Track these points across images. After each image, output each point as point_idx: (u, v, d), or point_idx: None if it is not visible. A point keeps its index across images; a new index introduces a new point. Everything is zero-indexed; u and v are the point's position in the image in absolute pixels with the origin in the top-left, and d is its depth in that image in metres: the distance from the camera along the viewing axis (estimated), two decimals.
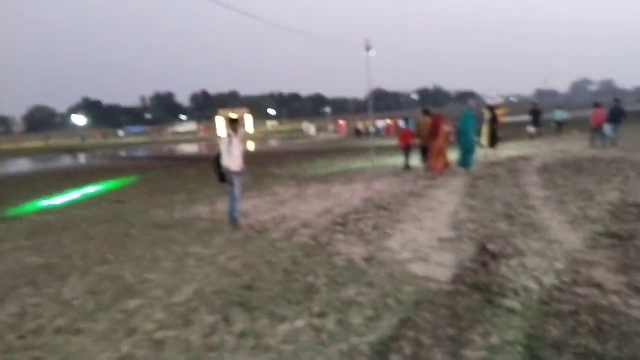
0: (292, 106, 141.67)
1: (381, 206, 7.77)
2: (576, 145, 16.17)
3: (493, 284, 3.94)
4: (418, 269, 4.57)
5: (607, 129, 15.85)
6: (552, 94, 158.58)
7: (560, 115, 24.32)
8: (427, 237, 5.71)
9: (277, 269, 4.84)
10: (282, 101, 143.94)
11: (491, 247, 5.04)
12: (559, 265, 4.31)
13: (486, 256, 4.74)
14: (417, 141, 12.53)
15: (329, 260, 5.03)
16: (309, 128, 49.71)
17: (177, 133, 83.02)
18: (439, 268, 4.53)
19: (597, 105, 16.72)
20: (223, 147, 6.98)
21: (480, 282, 4.02)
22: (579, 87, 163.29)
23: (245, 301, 4.00)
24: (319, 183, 11.33)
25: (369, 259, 4.95)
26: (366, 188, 9.97)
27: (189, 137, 64.02)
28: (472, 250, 5.03)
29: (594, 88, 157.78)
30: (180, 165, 20.65)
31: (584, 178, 9.08)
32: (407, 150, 12.93)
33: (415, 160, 12.87)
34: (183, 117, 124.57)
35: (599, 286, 3.74)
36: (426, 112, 12.53)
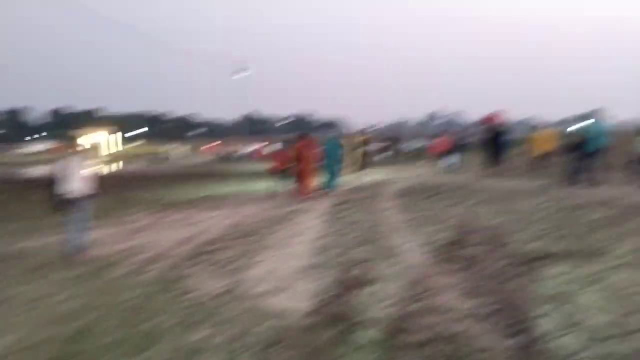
0: (162, 126, 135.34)
1: (246, 233, 7.47)
2: (428, 172, 17.62)
3: (352, 314, 3.85)
4: (279, 301, 4.34)
5: (452, 157, 17.81)
6: (409, 123, 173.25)
7: (416, 144, 26.80)
8: (291, 265, 5.54)
9: (120, 310, 4.26)
10: (151, 121, 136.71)
11: (352, 273, 5.01)
12: (415, 291, 4.39)
13: (347, 283, 4.68)
14: (290, 165, 12.63)
15: (183, 297, 4.58)
16: (177, 150, 47.85)
17: (27, 153, 74.36)
18: (300, 299, 4.35)
19: (439, 135, 18.87)
20: (59, 170, 6.14)
21: (340, 312, 3.91)
22: (431, 118, 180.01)
23: (76, 352, 3.40)
24: (183, 209, 10.68)
25: (227, 293, 4.61)
26: (233, 213, 9.61)
27: (40, 158, 57.62)
28: (334, 277, 4.95)
29: (445, 119, 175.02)
30: (23, 189, 18.24)
31: (436, 203, 9.72)
32: (280, 173, 12.94)
33: (287, 184, 12.91)
34: (38, 135, 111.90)
35: (450, 311, 3.82)
36: (301, 137, 12.80)
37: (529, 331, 3.39)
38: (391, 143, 26.96)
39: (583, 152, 11.46)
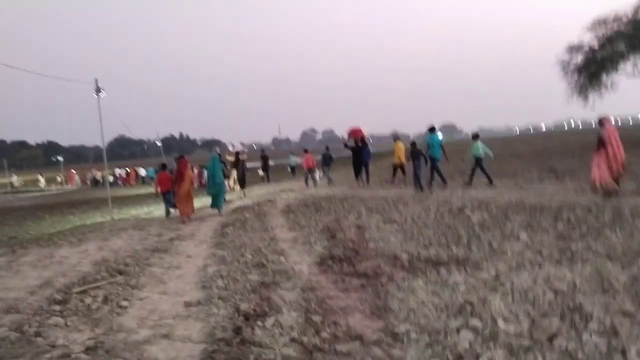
0: (19, 155, 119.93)
1: (117, 269, 6.50)
2: (306, 187, 17.85)
3: (254, 356, 3.31)
4: (159, 351, 3.64)
5: (321, 171, 18.90)
6: (286, 141, 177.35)
7: (294, 159, 27.23)
8: (172, 304, 4.84)
9: None
10: (4, 149, 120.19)
11: (244, 306, 4.45)
12: (315, 318, 3.97)
13: (239, 319, 4.12)
14: (172, 187, 12.21)
15: (44, 355, 3.68)
16: (40, 180, 42.30)
17: None
18: (186, 345, 3.70)
19: (306, 151, 19.34)
20: None
21: (234, 357, 3.34)
22: (307, 135, 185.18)
23: None
24: (41, 246, 9.22)
25: (94, 349, 3.79)
26: (100, 247, 8.48)
27: None
28: (223, 313, 4.35)
29: (318, 137, 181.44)
30: None
31: (322, 217, 9.53)
32: (166, 195, 12.78)
33: (169, 207, 12.38)
34: None
35: (359, 338, 3.45)
36: (179, 158, 12.46)
37: (451, 349, 3.14)
38: (264, 160, 26.97)
39: (428, 159, 12.75)
